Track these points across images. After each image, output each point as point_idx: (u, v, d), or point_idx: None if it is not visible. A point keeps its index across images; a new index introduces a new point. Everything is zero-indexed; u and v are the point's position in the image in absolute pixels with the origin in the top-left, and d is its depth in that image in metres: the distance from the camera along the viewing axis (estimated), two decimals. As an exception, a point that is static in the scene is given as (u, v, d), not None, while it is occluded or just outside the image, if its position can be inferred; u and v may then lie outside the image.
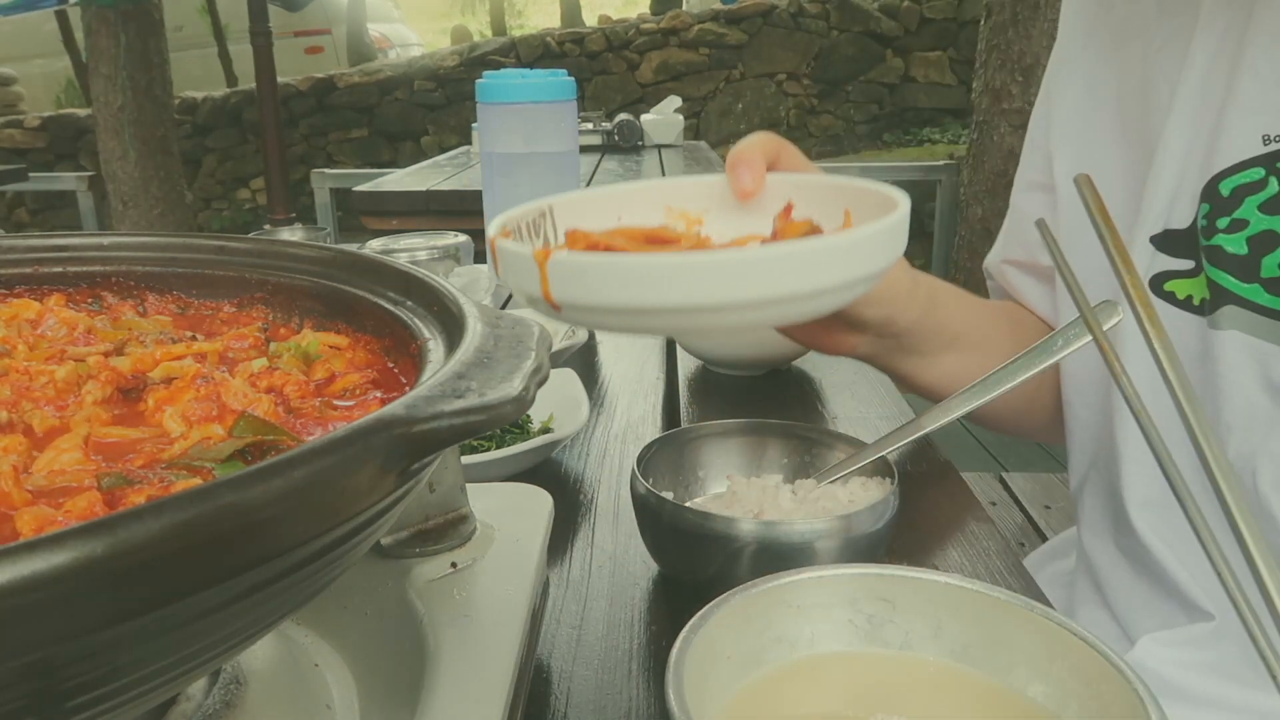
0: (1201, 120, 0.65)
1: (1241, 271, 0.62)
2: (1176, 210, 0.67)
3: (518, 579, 0.45)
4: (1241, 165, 0.63)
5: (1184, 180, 0.66)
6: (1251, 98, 0.62)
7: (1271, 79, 0.61)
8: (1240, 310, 0.62)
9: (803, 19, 7.25)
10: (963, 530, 0.65)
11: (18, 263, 0.47)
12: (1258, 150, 0.62)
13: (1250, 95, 0.62)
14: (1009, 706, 0.38)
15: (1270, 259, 0.61)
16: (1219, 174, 0.63)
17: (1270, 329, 0.61)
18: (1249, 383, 0.62)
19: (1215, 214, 0.64)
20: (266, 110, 2.23)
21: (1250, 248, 0.62)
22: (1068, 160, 0.77)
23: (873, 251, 0.48)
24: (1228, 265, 0.63)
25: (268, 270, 0.46)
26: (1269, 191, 0.61)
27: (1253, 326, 0.62)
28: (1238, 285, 0.62)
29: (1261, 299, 0.61)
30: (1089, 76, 0.76)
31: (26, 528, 0.27)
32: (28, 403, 0.37)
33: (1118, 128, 0.74)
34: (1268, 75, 0.61)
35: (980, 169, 4.06)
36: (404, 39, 11.18)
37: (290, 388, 0.39)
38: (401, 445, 0.26)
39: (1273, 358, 0.61)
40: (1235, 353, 0.62)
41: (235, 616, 0.25)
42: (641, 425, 0.85)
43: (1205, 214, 0.64)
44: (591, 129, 3.36)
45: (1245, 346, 0.62)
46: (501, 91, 1.03)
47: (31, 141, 7.31)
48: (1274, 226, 0.61)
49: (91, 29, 5.11)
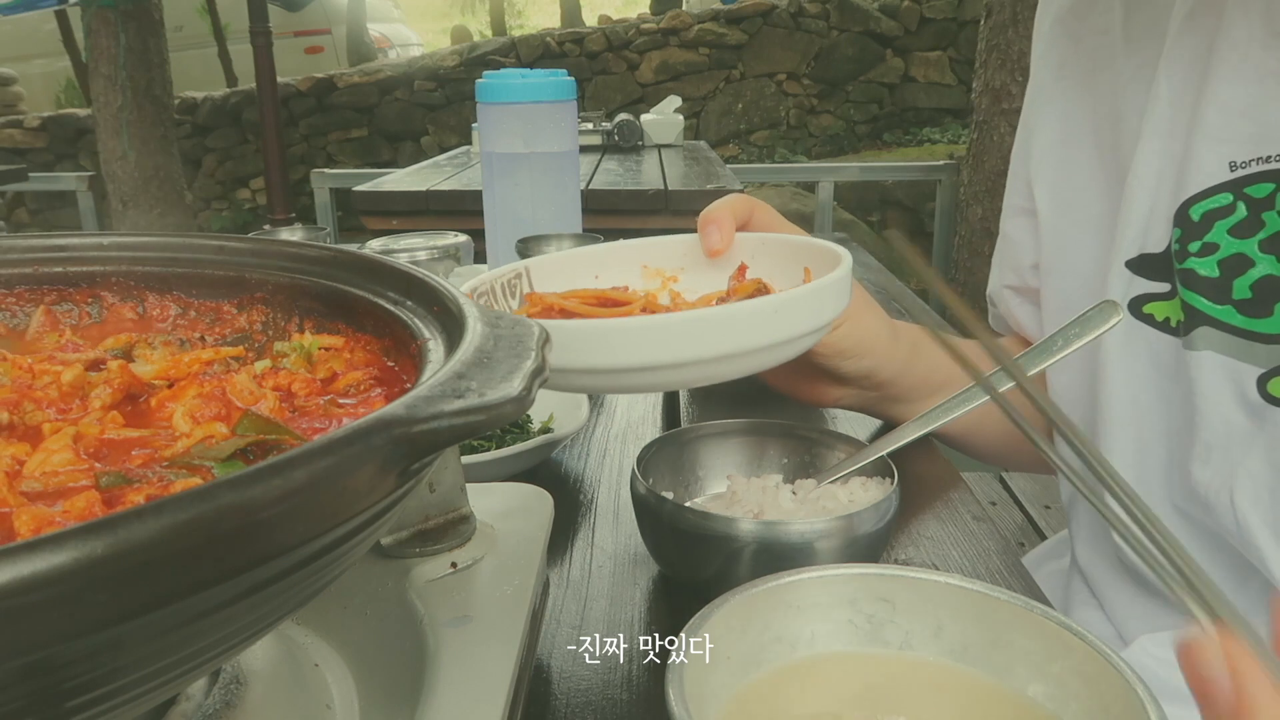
0: (1170, 148, 0.67)
1: (1214, 293, 0.63)
2: (1151, 235, 0.68)
3: (518, 579, 0.45)
4: (1210, 191, 0.64)
5: (1156, 206, 0.68)
6: (1217, 126, 0.63)
7: (1235, 108, 0.63)
8: (1214, 331, 0.63)
9: (803, 19, 7.25)
10: (963, 530, 0.65)
11: (18, 263, 0.47)
12: (1225, 176, 0.63)
13: (1215, 124, 0.63)
14: (1009, 706, 0.38)
15: (1241, 281, 0.62)
16: (1189, 199, 0.65)
17: (1243, 348, 0.62)
18: (1226, 401, 0.63)
19: (1187, 238, 0.65)
20: (266, 110, 2.23)
21: (1222, 270, 0.63)
22: (1048, 187, 0.79)
23: (804, 311, 0.51)
24: (1201, 288, 0.64)
25: (268, 270, 0.46)
26: (1238, 216, 0.63)
27: (1226, 346, 0.63)
28: (1211, 307, 0.63)
29: (1234, 320, 0.63)
30: (1064, 107, 0.78)
31: (25, 528, 0.27)
32: (29, 403, 0.37)
33: (1094, 156, 0.75)
34: (1231, 104, 0.63)
35: (980, 169, 4.06)
36: (404, 39, 11.18)
37: (296, 385, 0.39)
38: (401, 445, 0.26)
39: (1247, 376, 0.62)
40: (1211, 373, 0.63)
41: (235, 616, 0.25)
42: (641, 425, 0.85)
43: (1177, 238, 0.66)
44: (591, 129, 3.35)
45: (1220, 366, 0.63)
46: (501, 91, 1.03)
47: (31, 141, 7.31)
48: (1244, 249, 0.62)
49: (91, 29, 5.11)
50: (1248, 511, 0.63)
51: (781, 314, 0.49)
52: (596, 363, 0.48)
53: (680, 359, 0.48)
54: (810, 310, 0.51)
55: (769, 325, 0.49)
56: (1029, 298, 0.84)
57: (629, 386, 0.53)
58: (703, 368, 0.50)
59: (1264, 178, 0.62)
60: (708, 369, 0.50)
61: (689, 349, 0.48)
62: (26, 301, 0.47)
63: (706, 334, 0.48)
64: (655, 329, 0.47)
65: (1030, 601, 0.38)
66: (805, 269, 0.60)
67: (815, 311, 0.52)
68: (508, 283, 0.63)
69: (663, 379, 0.52)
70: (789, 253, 0.62)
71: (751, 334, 0.49)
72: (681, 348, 0.48)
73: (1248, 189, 0.62)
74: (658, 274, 0.67)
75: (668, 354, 0.48)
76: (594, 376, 0.50)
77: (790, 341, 0.51)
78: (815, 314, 0.52)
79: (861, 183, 5.66)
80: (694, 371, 0.50)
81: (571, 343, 0.47)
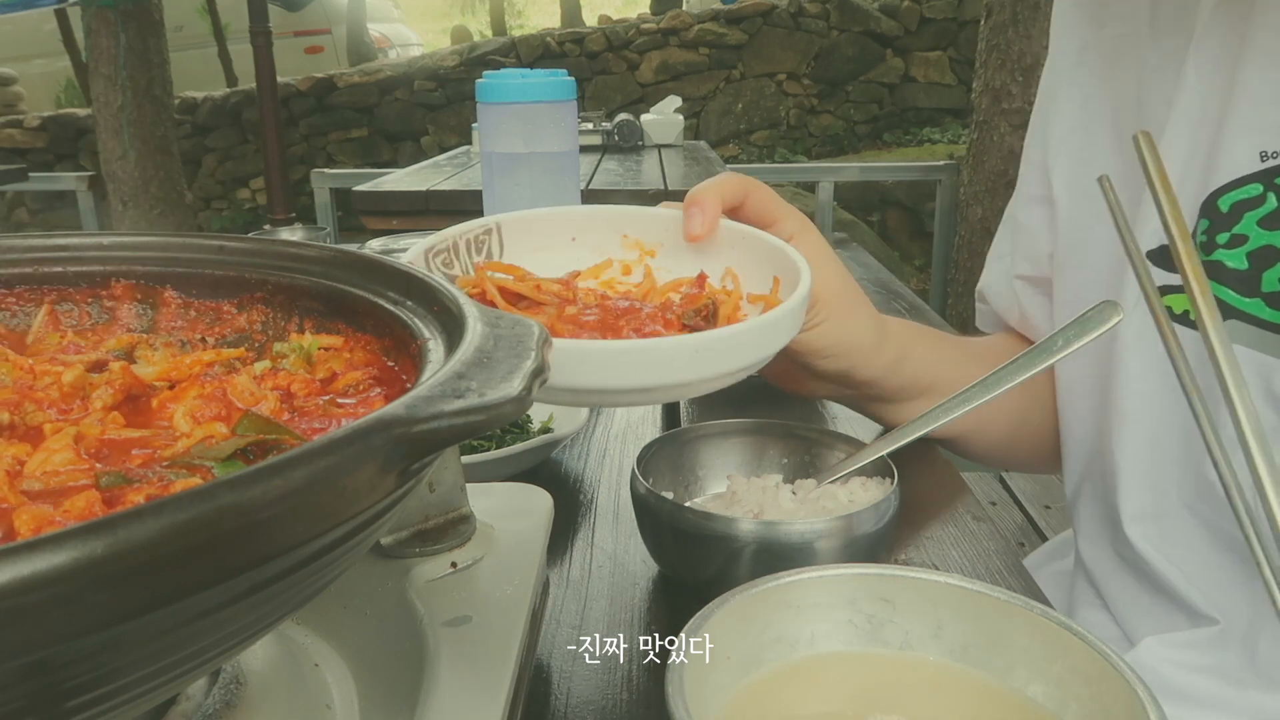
0: (1198, 138, 0.66)
1: (1242, 286, 0.63)
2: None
3: (518, 579, 0.45)
4: (1240, 181, 0.63)
5: (1180, 196, 0.67)
6: (1248, 116, 0.63)
7: (1267, 98, 0.62)
8: (1242, 325, 0.63)
9: (803, 19, 7.25)
10: (963, 530, 0.65)
11: (18, 263, 0.47)
12: (1256, 166, 0.62)
13: (1246, 114, 0.63)
14: (1009, 706, 0.38)
15: (1271, 273, 0.61)
16: (1217, 190, 0.64)
17: (1272, 343, 0.61)
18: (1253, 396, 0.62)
19: (1215, 229, 0.64)
20: (266, 110, 2.23)
21: (1251, 263, 0.62)
22: (1065, 175, 0.78)
23: (725, 354, 0.50)
24: (1229, 280, 0.63)
25: (268, 270, 0.46)
26: (1268, 207, 0.62)
27: (1255, 340, 0.62)
28: (1239, 300, 0.63)
29: (1263, 313, 0.62)
30: (1084, 92, 0.77)
31: (25, 527, 0.27)
32: (30, 404, 0.37)
33: (1114, 143, 0.74)
34: (1263, 94, 0.62)
35: (980, 169, 4.06)
36: (404, 39, 11.18)
37: (296, 385, 0.39)
38: (401, 445, 0.26)
39: (1275, 371, 0.61)
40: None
41: (235, 616, 0.25)
42: (641, 425, 0.85)
43: (1205, 230, 0.65)
44: (591, 129, 3.35)
45: (1248, 360, 0.62)
46: (501, 91, 1.03)
47: (31, 141, 7.31)
48: (1273, 241, 0.61)
49: (91, 29, 5.11)
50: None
51: (701, 355, 0.48)
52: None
53: (605, 386, 0.48)
54: (734, 350, 0.50)
55: (690, 362, 0.48)
56: (1043, 289, 0.82)
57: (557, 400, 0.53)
58: (629, 395, 0.50)
59: None
60: (635, 396, 0.52)
61: (610, 377, 0.48)
62: (27, 301, 0.47)
63: (626, 365, 0.48)
64: (574, 354, 0.47)
65: (1030, 601, 0.38)
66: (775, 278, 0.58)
67: (739, 351, 0.50)
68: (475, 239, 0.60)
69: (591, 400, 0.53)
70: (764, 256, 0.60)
71: (673, 369, 0.48)
72: (604, 375, 0.48)
73: (1279, 179, 0.61)
74: (636, 245, 0.64)
75: (592, 379, 0.48)
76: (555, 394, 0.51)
77: (715, 378, 0.50)
78: (741, 353, 0.50)
79: (861, 183, 5.65)
80: (621, 397, 0.51)
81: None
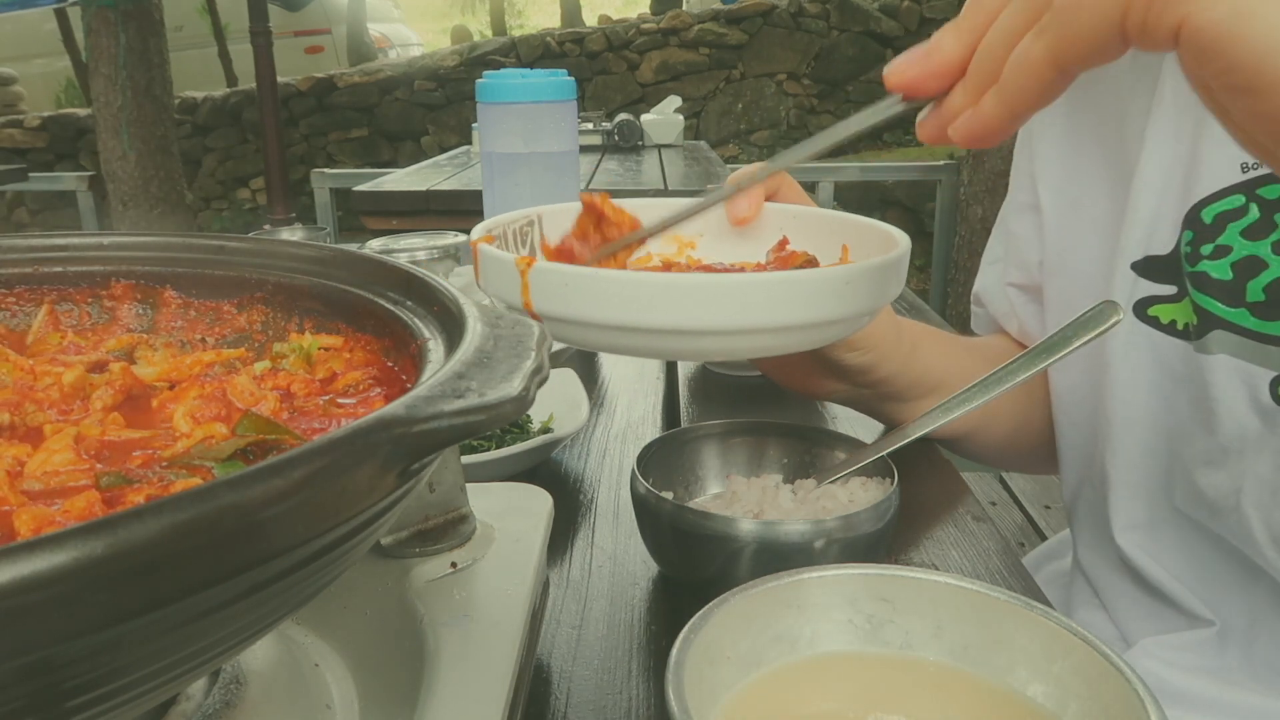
0: (1178, 150, 0.66)
1: (1227, 296, 0.63)
2: (1157, 237, 0.68)
3: (518, 579, 0.45)
4: (1222, 193, 0.63)
5: (1163, 208, 0.67)
6: None
7: None
8: (1228, 334, 0.63)
9: (803, 19, 7.24)
10: (963, 530, 0.65)
11: (18, 262, 0.47)
12: (1237, 178, 0.63)
13: None
14: (1009, 707, 0.38)
15: (1255, 283, 0.62)
16: (1200, 202, 0.64)
17: (1257, 352, 0.62)
18: (1239, 406, 0.63)
19: (1199, 240, 0.64)
20: (266, 110, 2.23)
21: (1235, 273, 0.63)
22: (1051, 186, 0.79)
23: (872, 287, 0.46)
24: (1214, 290, 0.64)
25: (268, 270, 0.46)
26: (1250, 217, 0.62)
27: (1240, 350, 0.63)
28: (1224, 310, 0.63)
29: (1248, 322, 0.62)
30: (1067, 104, 0.77)
31: (25, 527, 0.27)
32: (31, 404, 0.37)
33: (1098, 155, 0.75)
34: None
35: (980, 169, 4.06)
36: (404, 39, 11.19)
37: (296, 385, 0.39)
38: (401, 445, 0.26)
39: (1260, 380, 0.62)
40: (1225, 376, 0.63)
41: (235, 616, 0.25)
42: (641, 425, 0.85)
43: (1189, 241, 0.65)
44: (591, 129, 3.36)
45: (1235, 370, 0.63)
46: (501, 91, 1.03)
47: (31, 141, 7.31)
48: (1256, 252, 0.62)
49: (91, 29, 5.11)
50: (1250, 512, 0.63)
51: (862, 283, 0.44)
52: (659, 321, 0.44)
53: (755, 324, 0.44)
54: (888, 282, 0.46)
55: (838, 297, 0.44)
56: (1035, 296, 0.83)
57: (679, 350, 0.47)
58: (768, 337, 0.45)
59: (1277, 179, 0.61)
60: (773, 339, 0.45)
61: (772, 314, 0.43)
62: (27, 301, 0.47)
63: (797, 298, 0.43)
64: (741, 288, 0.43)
65: (1030, 602, 0.38)
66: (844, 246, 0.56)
67: (892, 284, 0.47)
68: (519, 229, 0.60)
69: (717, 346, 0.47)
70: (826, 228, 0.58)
71: (818, 305, 0.44)
72: (760, 312, 0.43)
73: (1260, 190, 0.62)
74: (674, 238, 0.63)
75: (744, 317, 0.43)
76: (646, 337, 0.45)
77: (859, 315, 0.46)
78: (891, 287, 0.47)
79: (861, 183, 5.65)
80: (756, 340, 0.45)
81: (639, 296, 0.43)
